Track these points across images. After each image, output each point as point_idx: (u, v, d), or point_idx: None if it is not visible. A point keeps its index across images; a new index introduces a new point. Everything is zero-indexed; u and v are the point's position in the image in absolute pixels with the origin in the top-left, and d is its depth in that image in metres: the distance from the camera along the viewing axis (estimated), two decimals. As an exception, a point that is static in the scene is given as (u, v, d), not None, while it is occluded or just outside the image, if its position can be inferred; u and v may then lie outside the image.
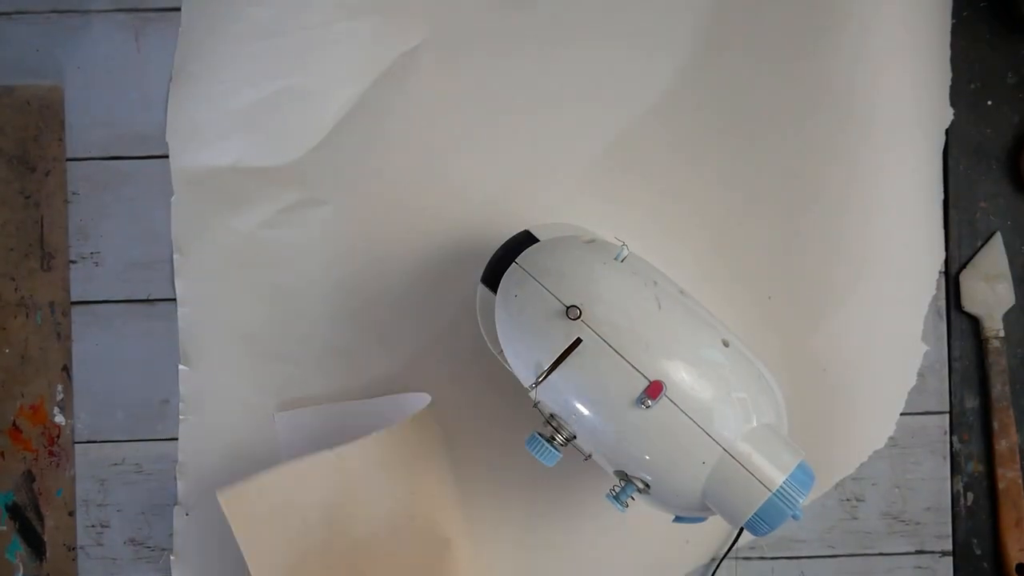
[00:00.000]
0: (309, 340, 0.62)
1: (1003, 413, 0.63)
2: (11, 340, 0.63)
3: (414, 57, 0.62)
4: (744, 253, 0.62)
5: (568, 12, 0.62)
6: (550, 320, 0.46)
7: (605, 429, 0.46)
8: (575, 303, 0.46)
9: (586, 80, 0.62)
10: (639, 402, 0.45)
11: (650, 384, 0.45)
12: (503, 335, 0.48)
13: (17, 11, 0.63)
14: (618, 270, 0.47)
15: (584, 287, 0.46)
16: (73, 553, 0.63)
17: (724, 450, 0.45)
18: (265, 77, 0.61)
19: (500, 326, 0.49)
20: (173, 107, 0.62)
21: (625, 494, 0.47)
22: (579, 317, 0.45)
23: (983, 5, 0.64)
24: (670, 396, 0.45)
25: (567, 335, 0.46)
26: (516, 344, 0.48)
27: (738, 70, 0.62)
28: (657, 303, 0.46)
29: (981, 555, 0.63)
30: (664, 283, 0.48)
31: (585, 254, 0.48)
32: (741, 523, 0.46)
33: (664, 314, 0.46)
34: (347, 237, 0.62)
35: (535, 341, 0.46)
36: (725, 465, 0.45)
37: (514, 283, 0.48)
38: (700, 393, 0.45)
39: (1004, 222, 0.64)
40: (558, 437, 0.47)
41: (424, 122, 0.62)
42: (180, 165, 0.62)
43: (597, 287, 0.47)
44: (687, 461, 0.46)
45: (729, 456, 0.45)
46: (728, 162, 0.62)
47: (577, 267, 0.47)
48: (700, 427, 0.45)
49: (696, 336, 0.47)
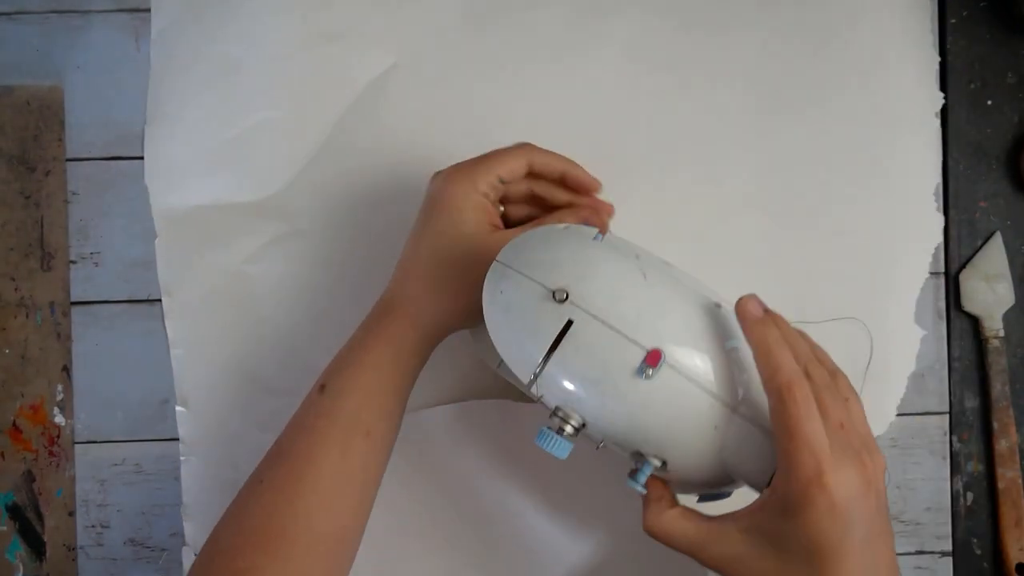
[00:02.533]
0: (302, 372, 0.61)
1: (1003, 413, 0.63)
2: (11, 340, 0.63)
3: (383, 83, 0.62)
4: (739, 246, 0.63)
5: (533, 29, 0.62)
6: (539, 308, 0.45)
7: (612, 408, 0.45)
8: (560, 286, 0.45)
9: (559, 98, 0.62)
10: (640, 373, 0.44)
11: (648, 353, 0.44)
12: (496, 337, 0.48)
13: (17, 11, 0.63)
14: (599, 247, 0.47)
15: (567, 269, 0.46)
16: (73, 553, 0.63)
17: (732, 410, 0.45)
18: (238, 113, 0.62)
19: (492, 328, 0.48)
20: (150, 149, 0.62)
21: (643, 474, 0.46)
22: (567, 299, 0.45)
23: (983, 5, 0.64)
24: (670, 362, 0.44)
25: (558, 319, 0.45)
26: (510, 340, 0.47)
27: (718, 62, 0.62)
28: (642, 274, 0.46)
29: (981, 555, 0.63)
30: (646, 256, 0.48)
31: (563, 237, 0.48)
32: (763, 486, 0.45)
33: (651, 284, 0.46)
34: (331, 267, 0.62)
35: (528, 333, 0.46)
36: (736, 426, 0.45)
37: (497, 280, 0.48)
38: (699, 356, 0.45)
39: (1004, 222, 0.64)
40: (567, 428, 0.46)
41: (399, 147, 0.62)
42: (161, 206, 0.62)
43: (580, 267, 0.46)
44: (697, 427, 0.45)
45: (739, 416, 0.45)
46: (720, 159, 0.62)
47: (557, 252, 0.47)
48: (704, 389, 0.44)
49: (686, 301, 0.46)
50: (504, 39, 0.62)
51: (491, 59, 0.62)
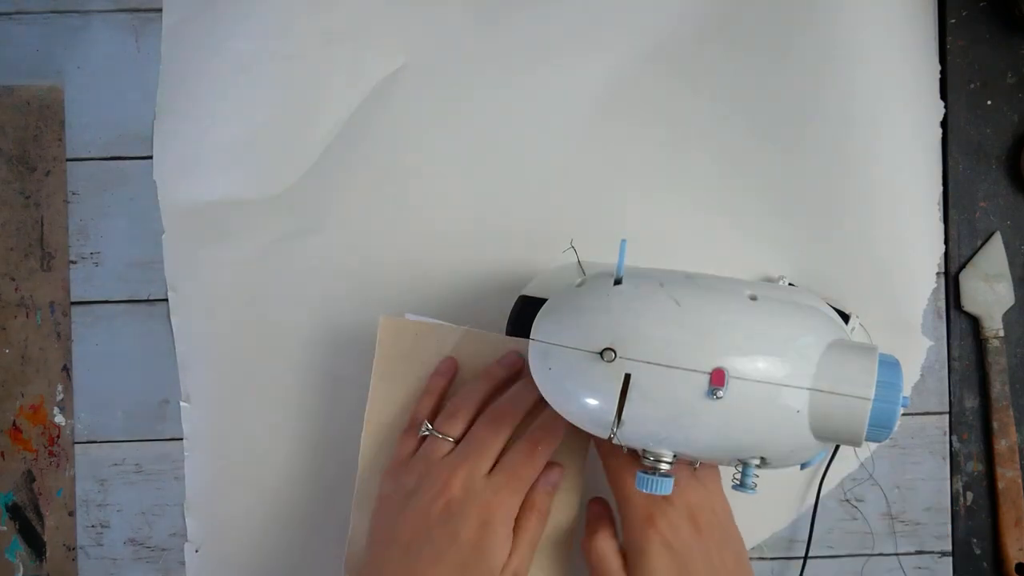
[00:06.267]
0: (307, 370, 0.62)
1: (1003, 413, 0.63)
2: (11, 340, 0.63)
3: (396, 80, 0.62)
4: (740, 250, 0.62)
5: (543, 30, 0.62)
6: (592, 372, 0.46)
7: (696, 436, 0.46)
8: (604, 346, 0.46)
9: (568, 98, 0.62)
10: (710, 395, 0.44)
11: (711, 374, 0.45)
12: (563, 411, 0.49)
13: (17, 11, 0.63)
14: (624, 293, 0.47)
15: (604, 326, 0.46)
16: (73, 553, 0.63)
17: (808, 390, 0.45)
18: (249, 109, 0.62)
19: (555, 404, 0.49)
20: (159, 144, 0.62)
21: (748, 477, 0.47)
22: (616, 357, 0.45)
23: (983, 5, 0.64)
24: (734, 375, 0.45)
25: (615, 377, 0.45)
26: (577, 412, 0.48)
27: (728, 74, 0.62)
28: (675, 302, 0.46)
29: (981, 555, 0.63)
30: (669, 279, 0.48)
31: (586, 297, 0.48)
32: (861, 441, 0.46)
33: (686, 309, 0.46)
34: (340, 264, 0.62)
35: (592, 398, 0.46)
36: (817, 402, 0.45)
37: (542, 359, 0.48)
38: (758, 358, 0.45)
39: (1004, 222, 0.64)
40: (661, 465, 0.47)
41: (410, 144, 0.62)
42: (169, 201, 0.62)
43: (615, 320, 0.46)
44: (783, 419, 0.45)
45: (817, 392, 0.45)
46: (729, 161, 0.62)
47: (587, 312, 0.47)
48: (775, 383, 0.45)
49: (724, 309, 0.47)
50: (514, 39, 0.62)
51: (501, 59, 0.62)
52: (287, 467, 0.62)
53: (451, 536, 0.50)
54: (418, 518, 0.51)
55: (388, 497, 0.54)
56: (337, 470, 0.61)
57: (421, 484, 0.52)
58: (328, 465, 0.62)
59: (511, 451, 0.53)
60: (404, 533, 0.51)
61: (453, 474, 0.51)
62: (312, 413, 0.62)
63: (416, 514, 0.51)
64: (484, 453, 0.52)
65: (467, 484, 0.51)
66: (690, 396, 0.45)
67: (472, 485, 0.51)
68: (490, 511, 0.51)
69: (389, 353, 0.57)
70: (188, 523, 0.62)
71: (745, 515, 0.58)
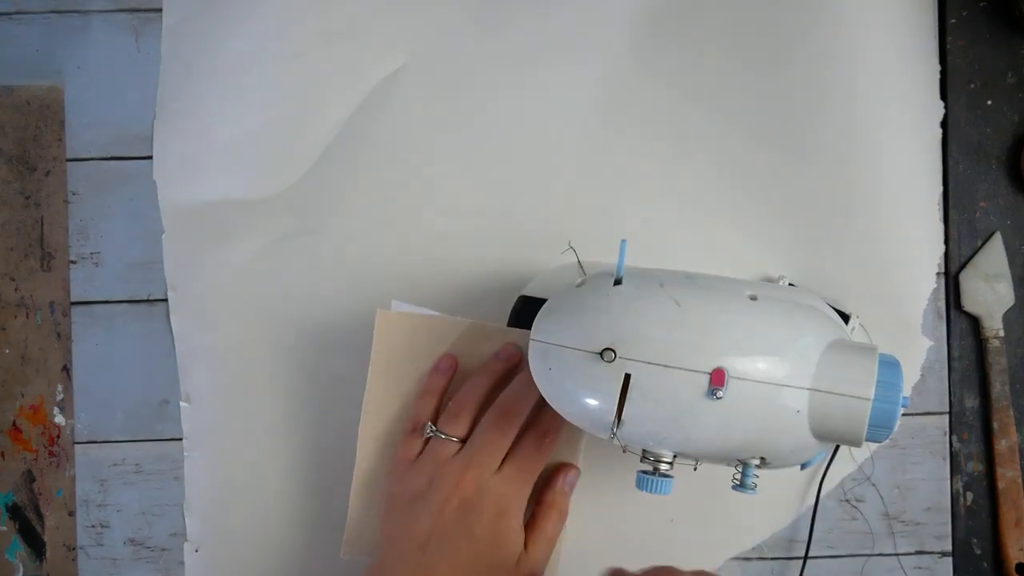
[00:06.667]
0: (306, 370, 0.62)
1: (1003, 413, 0.63)
2: (11, 340, 0.63)
3: (396, 81, 0.62)
4: (740, 251, 0.62)
5: (543, 30, 0.62)
6: (592, 373, 0.46)
7: (696, 436, 0.46)
8: (604, 346, 0.46)
9: (569, 98, 0.62)
10: (710, 395, 0.45)
11: (711, 375, 0.45)
12: (564, 411, 0.49)
13: (17, 11, 0.63)
14: (623, 293, 0.47)
15: (604, 326, 0.46)
16: (73, 553, 0.63)
17: (808, 390, 0.45)
18: (249, 109, 0.62)
19: (556, 404, 0.49)
20: (159, 144, 0.62)
21: (748, 478, 0.47)
22: (616, 357, 0.45)
23: (983, 5, 0.64)
24: (734, 375, 0.45)
25: (615, 377, 0.45)
26: (578, 412, 0.48)
27: (726, 74, 0.62)
28: (674, 302, 0.46)
29: (981, 555, 0.63)
30: (669, 279, 0.48)
31: (586, 297, 0.48)
32: (861, 441, 0.46)
33: (686, 309, 0.46)
34: (340, 264, 0.62)
35: (592, 398, 0.46)
36: (817, 402, 0.45)
37: (542, 359, 0.48)
38: (759, 358, 0.45)
39: (1004, 222, 0.64)
40: (661, 466, 0.47)
41: (410, 144, 0.62)
42: (169, 201, 0.62)
43: (615, 320, 0.46)
44: (783, 419, 0.45)
45: (816, 392, 0.45)
46: (728, 162, 0.62)
47: (587, 312, 0.47)
48: (775, 383, 0.45)
49: (724, 309, 0.47)
50: (514, 39, 0.62)
51: (501, 59, 0.62)
52: (287, 467, 0.62)
53: (467, 531, 0.51)
54: (433, 517, 0.52)
55: (398, 497, 0.54)
56: (337, 470, 0.61)
57: (432, 485, 0.53)
58: (328, 465, 0.62)
59: (519, 445, 0.54)
60: (419, 532, 0.52)
61: (464, 475, 0.52)
62: (312, 413, 0.62)
63: (430, 514, 0.52)
64: (493, 453, 0.53)
65: (479, 483, 0.52)
66: (690, 396, 0.45)
67: (484, 483, 0.52)
68: (504, 503, 0.52)
69: (386, 346, 0.57)
70: (188, 523, 0.62)
71: (745, 515, 0.58)
